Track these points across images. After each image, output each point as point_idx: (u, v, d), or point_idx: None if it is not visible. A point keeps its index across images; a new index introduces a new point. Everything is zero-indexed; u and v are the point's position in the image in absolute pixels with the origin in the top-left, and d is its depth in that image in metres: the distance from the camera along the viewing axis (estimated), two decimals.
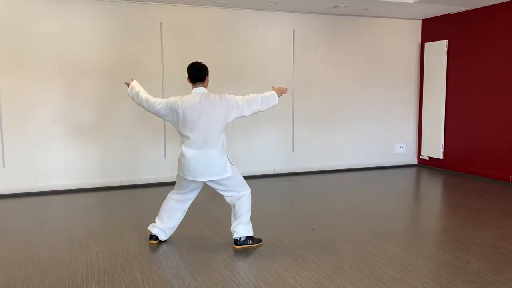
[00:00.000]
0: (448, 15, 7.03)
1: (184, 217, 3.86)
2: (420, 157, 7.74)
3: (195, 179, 3.56)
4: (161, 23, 6.14)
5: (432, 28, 7.37)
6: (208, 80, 3.65)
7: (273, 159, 6.90)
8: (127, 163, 6.12)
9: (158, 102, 3.60)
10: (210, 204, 5.09)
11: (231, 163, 3.65)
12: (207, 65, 3.65)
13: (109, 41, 5.92)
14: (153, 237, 3.80)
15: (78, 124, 5.86)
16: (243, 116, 3.64)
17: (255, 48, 6.63)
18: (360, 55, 7.26)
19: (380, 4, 6.26)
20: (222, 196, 3.73)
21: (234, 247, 3.67)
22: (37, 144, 5.70)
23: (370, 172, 7.23)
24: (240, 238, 3.65)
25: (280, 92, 3.75)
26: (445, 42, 7.03)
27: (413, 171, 7.38)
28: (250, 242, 3.69)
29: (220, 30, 6.42)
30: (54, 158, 5.79)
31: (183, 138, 3.58)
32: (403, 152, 7.75)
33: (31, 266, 3.31)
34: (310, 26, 6.92)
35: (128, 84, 3.76)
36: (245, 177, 6.57)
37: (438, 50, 7.16)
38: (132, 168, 6.17)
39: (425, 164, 7.68)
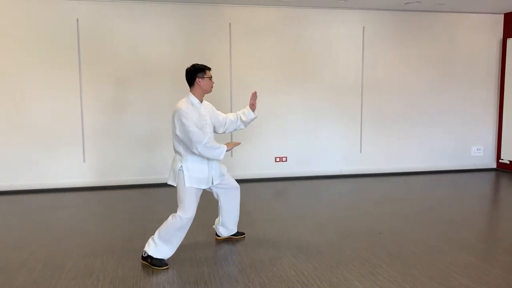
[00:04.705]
0: None
1: (249, 216, 3.89)
2: (500, 160, 7.24)
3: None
4: (230, 24, 6.26)
5: None
6: (198, 84, 3.57)
7: (339, 160, 6.79)
8: None
9: None
10: (275, 204, 5.11)
11: (185, 182, 3.33)
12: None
13: (179, 42, 6.13)
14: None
15: (150, 123, 6.15)
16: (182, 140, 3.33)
17: (324, 47, 6.55)
18: (434, 53, 6.93)
19: None
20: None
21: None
22: (114, 142, 6.06)
23: (443, 175, 6.88)
24: (144, 252, 3.37)
25: (232, 145, 3.50)
26: None
27: (491, 175, 6.92)
28: (149, 261, 3.32)
29: (289, 30, 6.42)
30: (128, 155, 6.12)
31: None
32: (480, 155, 7.29)
33: (106, 256, 3.53)
34: (380, 23, 6.72)
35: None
36: (310, 177, 6.68)
37: None
38: None
39: (505, 169, 7.17)
